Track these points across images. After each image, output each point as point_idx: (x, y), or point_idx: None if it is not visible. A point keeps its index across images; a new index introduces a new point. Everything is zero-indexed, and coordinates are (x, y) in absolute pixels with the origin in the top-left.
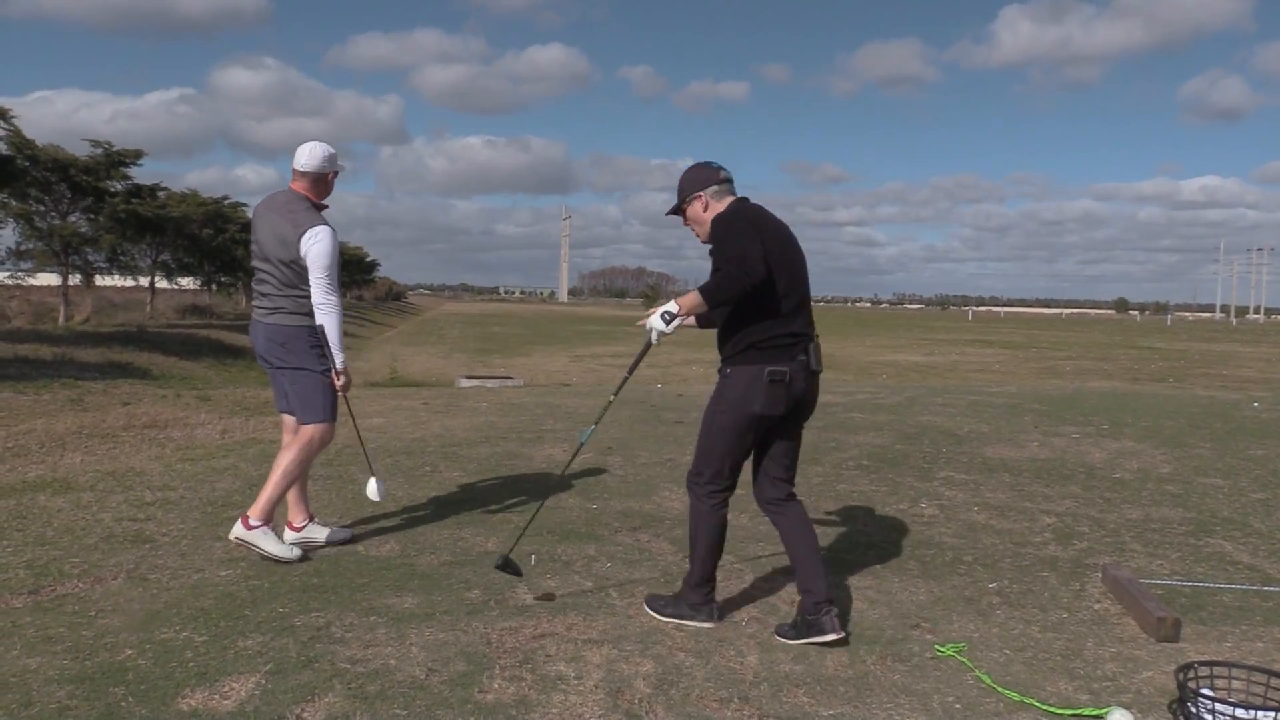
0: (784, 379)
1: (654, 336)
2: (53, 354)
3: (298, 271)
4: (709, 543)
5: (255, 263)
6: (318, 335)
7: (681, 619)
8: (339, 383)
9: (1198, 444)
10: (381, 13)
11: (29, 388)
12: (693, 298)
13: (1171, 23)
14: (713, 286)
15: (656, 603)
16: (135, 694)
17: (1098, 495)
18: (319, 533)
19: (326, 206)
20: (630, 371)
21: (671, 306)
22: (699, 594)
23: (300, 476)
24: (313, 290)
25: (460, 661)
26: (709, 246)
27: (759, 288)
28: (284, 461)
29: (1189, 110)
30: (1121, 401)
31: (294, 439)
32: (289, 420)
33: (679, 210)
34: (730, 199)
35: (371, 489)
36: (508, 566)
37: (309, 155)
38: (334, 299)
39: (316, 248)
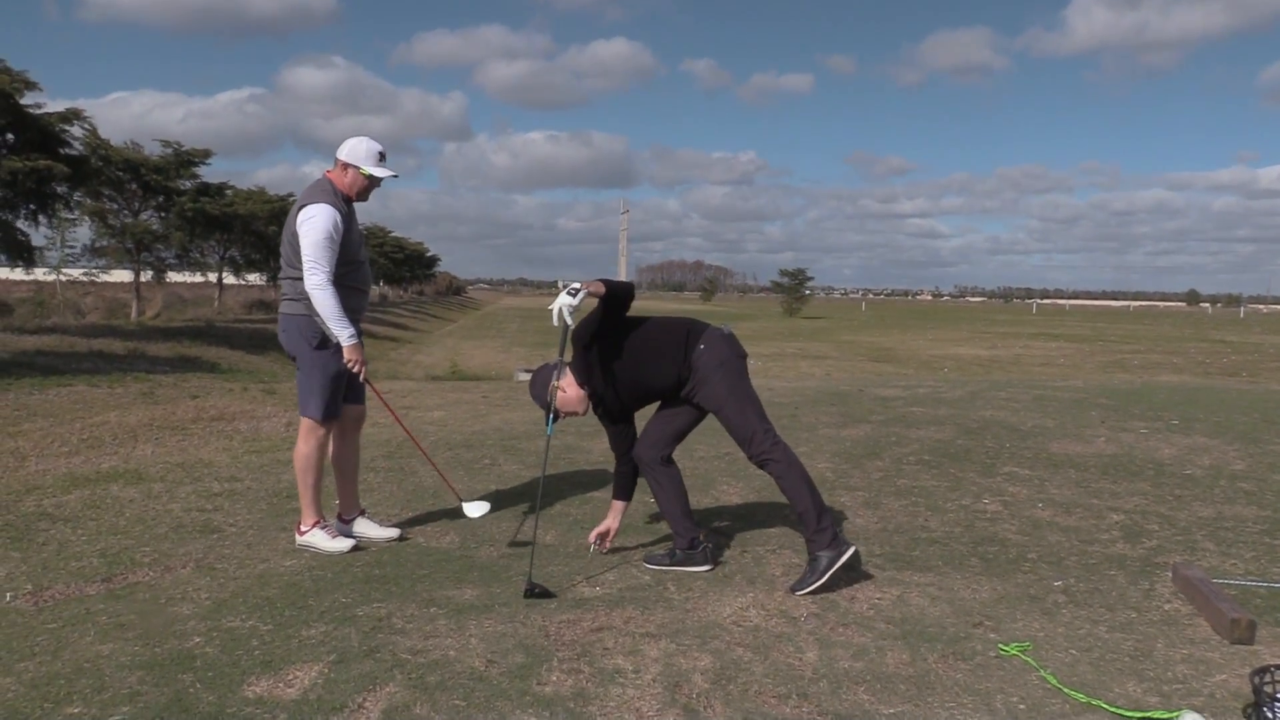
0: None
1: (565, 311)
2: (125, 348)
3: (295, 250)
4: (809, 482)
5: None
6: (311, 323)
7: (831, 569)
8: (349, 363)
9: (1272, 440)
10: (448, 10)
11: (103, 381)
12: (597, 283)
13: (1255, 5)
14: (614, 281)
15: (801, 584)
16: (203, 680)
17: (1167, 492)
18: (367, 528)
19: (351, 199)
20: (560, 354)
21: (575, 284)
22: (827, 533)
23: (318, 469)
24: (303, 273)
25: (519, 653)
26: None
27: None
28: (295, 457)
29: (1270, 95)
30: (1192, 396)
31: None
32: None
33: (555, 413)
34: (567, 368)
35: (471, 508)
36: (533, 591)
37: (344, 143)
38: (319, 278)
39: (307, 225)
